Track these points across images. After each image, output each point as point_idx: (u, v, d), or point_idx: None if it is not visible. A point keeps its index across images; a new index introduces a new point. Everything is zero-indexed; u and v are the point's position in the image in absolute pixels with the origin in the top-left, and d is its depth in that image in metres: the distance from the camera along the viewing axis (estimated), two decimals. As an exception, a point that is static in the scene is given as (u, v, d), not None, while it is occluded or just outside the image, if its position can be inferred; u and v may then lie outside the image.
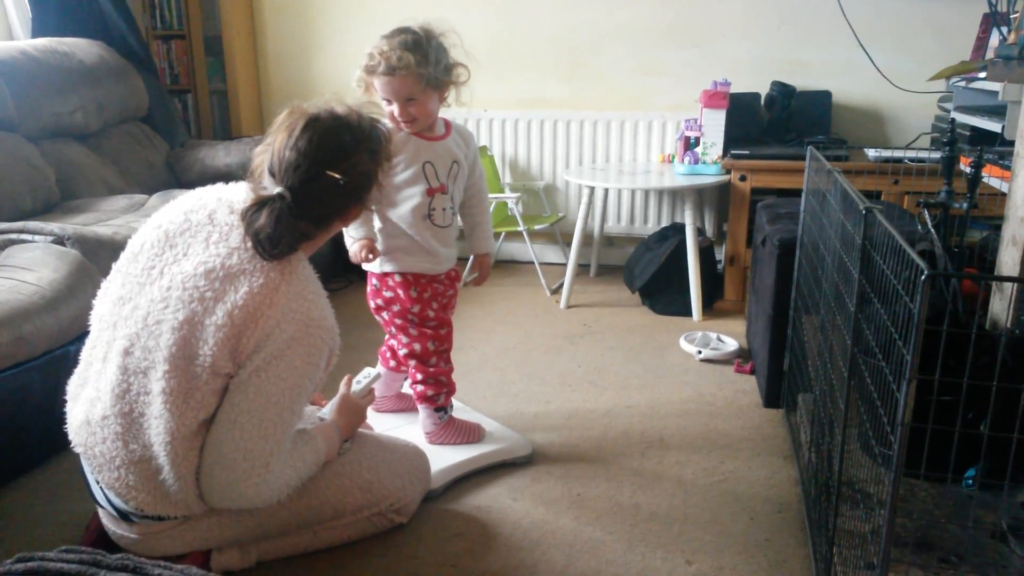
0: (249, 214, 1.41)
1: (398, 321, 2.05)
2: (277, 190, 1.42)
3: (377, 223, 1.97)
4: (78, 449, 1.55)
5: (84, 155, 3.16)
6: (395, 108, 1.88)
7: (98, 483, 1.55)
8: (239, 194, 1.51)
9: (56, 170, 2.97)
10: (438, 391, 2.08)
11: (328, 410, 1.77)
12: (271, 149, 1.45)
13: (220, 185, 1.57)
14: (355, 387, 1.81)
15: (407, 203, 1.95)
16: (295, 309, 1.41)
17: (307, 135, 1.43)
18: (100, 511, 1.60)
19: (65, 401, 1.59)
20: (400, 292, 2.01)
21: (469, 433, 2.11)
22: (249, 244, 1.42)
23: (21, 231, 2.43)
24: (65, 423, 1.58)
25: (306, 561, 1.70)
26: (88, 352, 1.56)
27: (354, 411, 1.76)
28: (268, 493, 1.48)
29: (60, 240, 2.37)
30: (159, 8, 4.00)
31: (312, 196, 1.43)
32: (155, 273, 1.46)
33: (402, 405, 2.31)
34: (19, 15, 3.37)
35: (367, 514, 1.72)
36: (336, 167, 1.43)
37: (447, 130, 2.03)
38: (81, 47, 3.28)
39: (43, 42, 3.18)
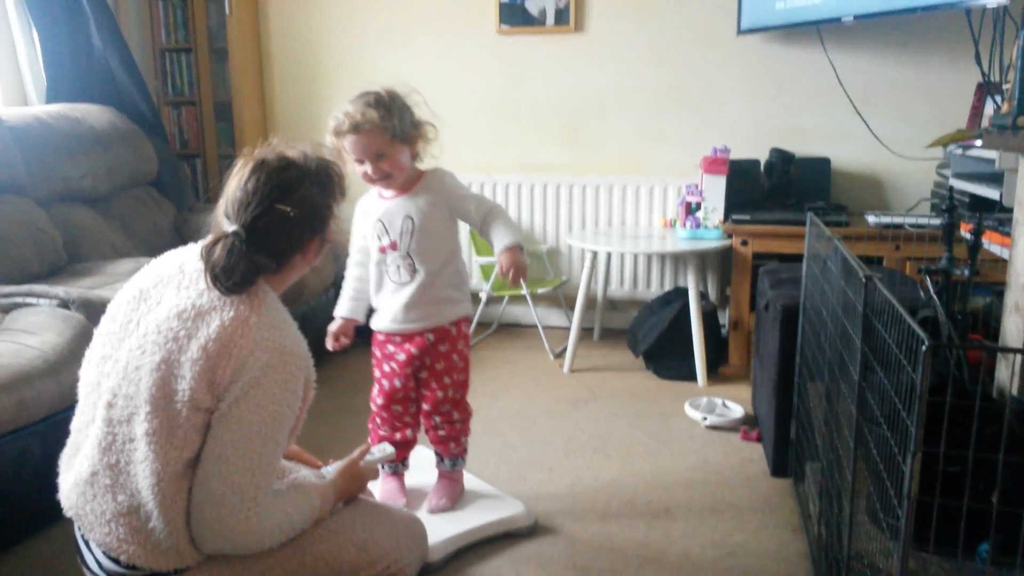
0: (206, 251, 1.48)
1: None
2: (232, 228, 1.49)
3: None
4: (69, 513, 1.54)
5: (92, 218, 3.20)
6: (368, 167, 1.91)
7: (88, 548, 1.53)
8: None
9: (64, 233, 3.00)
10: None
11: (331, 470, 1.76)
12: (225, 195, 1.53)
13: (191, 244, 1.61)
14: (368, 457, 1.81)
15: (370, 262, 2.03)
16: (267, 338, 1.44)
17: (255, 176, 1.51)
18: (86, 571, 1.57)
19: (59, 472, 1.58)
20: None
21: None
22: (228, 295, 1.47)
23: (27, 294, 2.45)
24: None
25: (302, 635, 1.65)
26: (77, 420, 1.58)
27: (355, 477, 1.75)
28: (260, 533, 1.47)
29: (65, 304, 2.38)
30: (171, 76, 4.10)
31: (264, 230, 1.49)
32: (132, 326, 1.50)
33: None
34: (34, 82, 3.45)
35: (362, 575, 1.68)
36: (284, 200, 1.49)
37: (412, 184, 1.99)
38: (93, 113, 3.35)
39: (56, 108, 3.25)
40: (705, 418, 2.77)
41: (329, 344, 2.03)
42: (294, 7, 4.05)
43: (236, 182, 1.52)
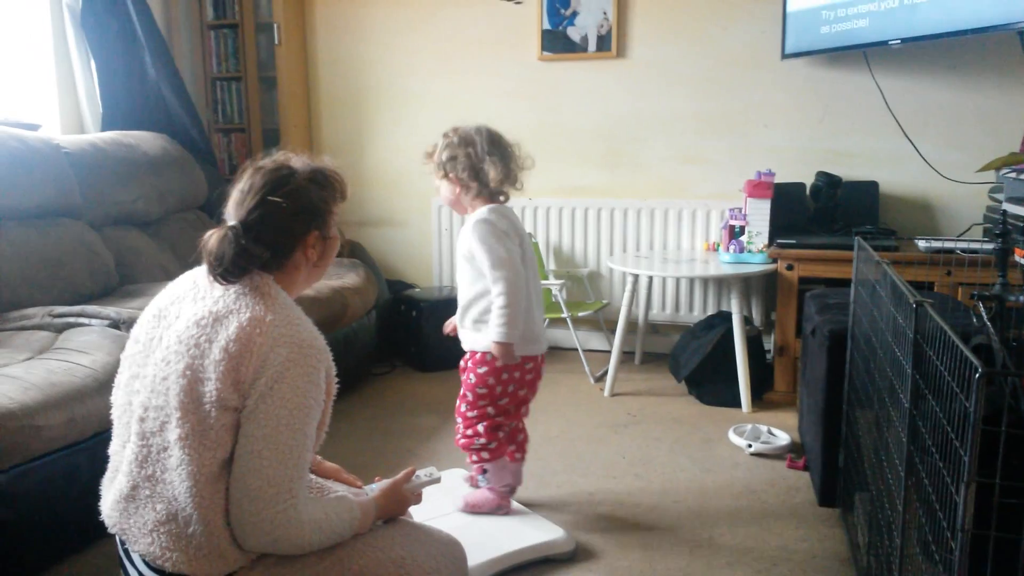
0: (203, 241, 1.54)
1: None
2: (230, 223, 1.55)
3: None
4: (113, 530, 1.57)
5: (144, 241, 3.28)
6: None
7: (132, 562, 1.56)
8: None
9: (116, 256, 3.08)
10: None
11: (375, 488, 1.77)
12: (227, 200, 1.60)
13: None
14: (413, 480, 1.82)
15: None
16: (284, 334, 1.48)
17: (251, 177, 1.59)
18: None
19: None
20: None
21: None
22: (225, 284, 1.53)
23: (80, 315, 2.51)
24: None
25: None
26: (114, 443, 1.63)
27: (398, 500, 1.76)
28: (298, 526, 1.50)
29: (116, 324, 2.44)
30: (221, 104, 4.20)
31: (259, 221, 1.54)
32: (155, 343, 1.56)
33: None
34: (91, 109, 3.57)
35: None
36: (276, 193, 1.56)
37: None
38: (146, 140, 3.45)
39: (111, 135, 3.35)
40: (750, 445, 2.72)
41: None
42: (341, 36, 4.13)
43: (236, 186, 1.61)
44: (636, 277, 3.36)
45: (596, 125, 3.84)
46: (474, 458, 2.21)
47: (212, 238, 1.53)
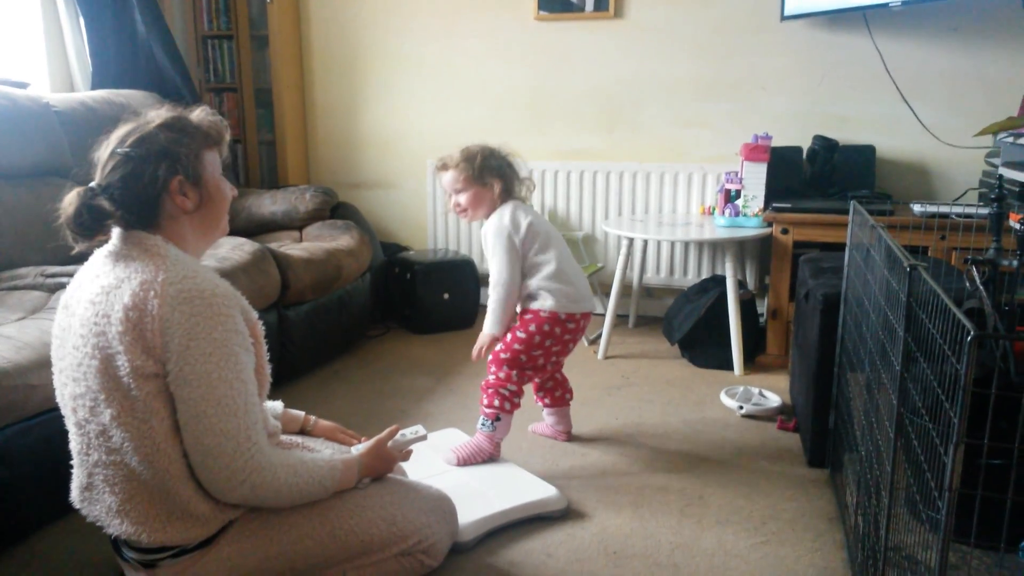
0: (62, 208, 1.51)
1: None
2: (90, 184, 1.53)
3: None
4: (89, 519, 1.57)
5: (136, 202, 3.25)
6: (450, 201, 2.40)
7: (118, 544, 1.58)
8: (113, 240, 1.56)
9: (109, 216, 3.06)
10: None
11: (359, 448, 1.77)
12: None
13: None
14: (398, 438, 1.82)
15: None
16: (182, 290, 1.45)
17: (106, 136, 1.57)
18: (123, 565, 1.60)
19: None
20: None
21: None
22: (115, 260, 1.50)
23: (72, 274, 2.50)
24: None
25: (336, 613, 1.68)
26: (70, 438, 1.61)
27: (383, 458, 1.76)
28: (271, 472, 1.50)
29: (109, 284, 2.43)
30: (212, 63, 4.15)
31: (112, 178, 1.51)
32: (66, 333, 1.54)
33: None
34: (80, 68, 3.52)
35: (394, 552, 1.70)
36: (122, 145, 1.53)
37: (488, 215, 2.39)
38: (136, 98, 3.40)
39: (101, 94, 3.31)
40: (741, 407, 2.74)
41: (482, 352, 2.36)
42: (334, -7, 4.07)
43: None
44: (631, 241, 3.36)
45: (593, 87, 3.81)
46: (496, 403, 2.30)
47: (66, 201, 1.51)
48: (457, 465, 2.27)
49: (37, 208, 2.79)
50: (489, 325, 2.33)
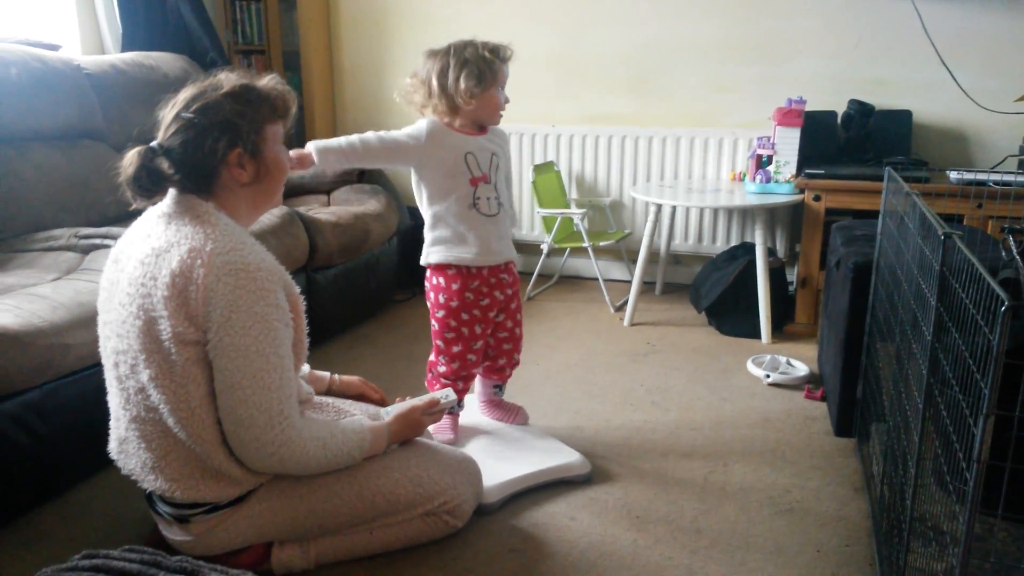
0: (122, 164, 1.52)
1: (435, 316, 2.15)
2: (152, 144, 1.53)
3: (428, 217, 2.10)
4: (124, 472, 1.61)
5: (166, 165, 3.28)
6: (504, 95, 2.07)
7: (152, 498, 1.63)
8: (168, 201, 1.56)
9: (140, 179, 3.09)
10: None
11: (391, 411, 1.80)
12: None
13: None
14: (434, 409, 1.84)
15: (452, 193, 2.05)
16: (228, 262, 1.46)
17: (174, 96, 1.56)
18: (156, 519, 1.65)
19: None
20: (433, 294, 2.12)
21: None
22: (168, 222, 1.51)
23: (105, 236, 2.54)
24: None
25: (363, 569, 1.72)
26: (108, 389, 1.64)
27: (412, 423, 1.78)
28: (300, 444, 1.52)
29: (140, 246, 2.46)
30: (241, 24, 4.14)
31: (175, 141, 1.51)
32: (114, 288, 1.56)
33: (501, 415, 2.34)
34: (111, 31, 3.53)
35: (420, 512, 1.73)
36: (188, 109, 1.52)
37: (483, 129, 2.12)
38: (166, 61, 3.41)
39: (131, 56, 3.32)
40: (768, 375, 2.73)
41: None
42: (362, -47, 4.03)
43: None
44: (659, 207, 3.32)
45: (622, 49, 3.75)
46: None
47: (127, 160, 1.51)
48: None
49: (69, 170, 2.82)
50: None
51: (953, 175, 2.99)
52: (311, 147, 2.01)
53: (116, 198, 1.57)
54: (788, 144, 3.17)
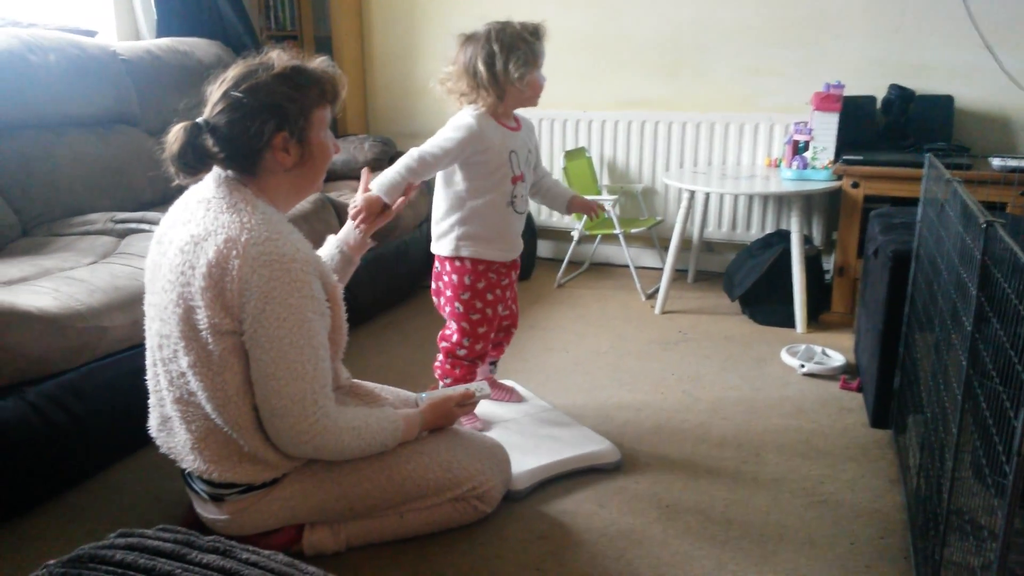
0: (167, 139, 1.50)
1: (447, 307, 2.15)
2: (197, 120, 1.51)
3: (460, 209, 2.06)
4: (163, 450, 1.64)
5: (200, 150, 3.31)
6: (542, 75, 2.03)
7: (188, 477, 1.65)
8: (208, 184, 1.56)
9: (174, 164, 3.12)
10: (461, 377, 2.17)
11: (425, 397, 1.81)
12: None
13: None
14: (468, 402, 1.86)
15: (495, 190, 2.03)
16: (264, 252, 1.45)
17: (224, 72, 1.53)
18: (192, 496, 1.67)
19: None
20: (456, 278, 2.10)
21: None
22: (206, 208, 1.50)
23: (140, 220, 2.57)
24: None
25: (392, 553, 1.73)
26: (148, 367, 1.66)
27: (444, 414, 1.80)
28: (335, 433, 1.54)
29: (175, 231, 2.49)
30: (273, 10, 4.16)
31: (221, 119, 1.49)
32: (157, 270, 1.56)
33: (500, 395, 2.36)
34: (145, 17, 3.57)
35: (449, 496, 1.74)
36: (237, 88, 1.48)
37: (518, 122, 2.10)
38: (200, 47, 3.44)
39: (166, 42, 3.35)
40: (803, 365, 2.69)
41: (353, 212, 1.97)
42: (394, -62, 4.01)
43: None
44: (692, 193, 3.28)
45: (656, 32, 3.70)
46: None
47: (172, 136, 1.49)
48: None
49: (105, 155, 2.86)
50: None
51: (996, 162, 2.91)
52: (376, 190, 1.94)
53: (157, 174, 1.57)
54: (826, 129, 3.11)
